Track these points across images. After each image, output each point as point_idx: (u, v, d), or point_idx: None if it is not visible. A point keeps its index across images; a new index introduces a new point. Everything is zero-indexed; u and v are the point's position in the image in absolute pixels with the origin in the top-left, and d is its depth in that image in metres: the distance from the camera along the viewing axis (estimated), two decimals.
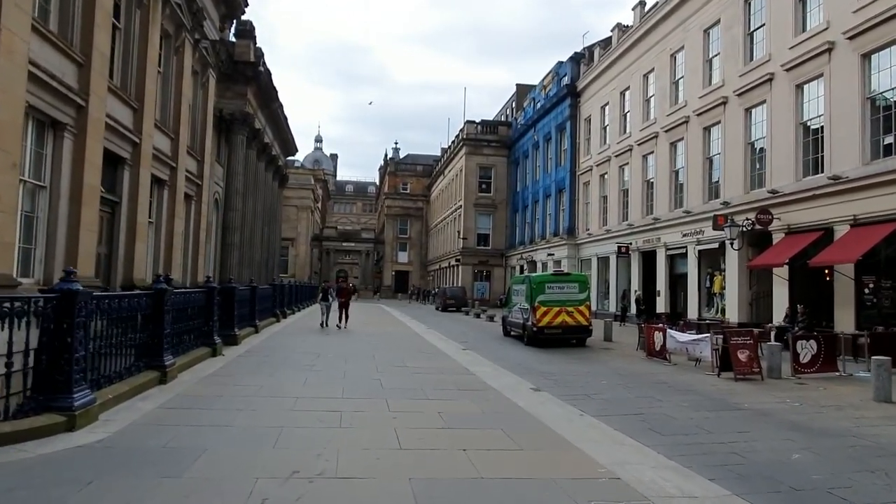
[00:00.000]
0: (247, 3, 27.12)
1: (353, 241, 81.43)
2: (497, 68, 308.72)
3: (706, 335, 14.11)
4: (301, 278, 62.73)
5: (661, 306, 26.49)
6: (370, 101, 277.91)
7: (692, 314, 23.98)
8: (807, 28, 18.53)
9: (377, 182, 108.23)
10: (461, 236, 52.76)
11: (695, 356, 14.29)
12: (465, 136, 54.01)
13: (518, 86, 58.22)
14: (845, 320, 16.33)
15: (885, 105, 15.88)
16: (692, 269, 24.55)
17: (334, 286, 25.75)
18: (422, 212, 78.46)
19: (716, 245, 22.70)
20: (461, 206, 53.64)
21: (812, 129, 18.37)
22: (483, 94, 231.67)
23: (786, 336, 16.26)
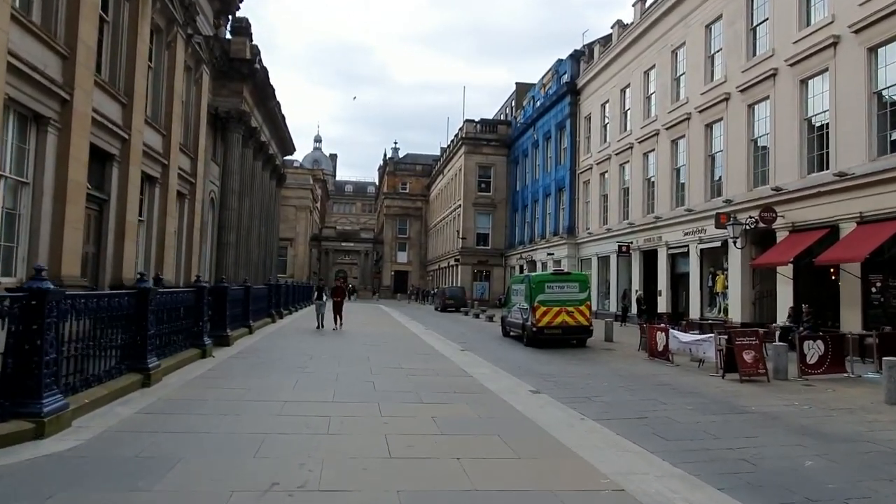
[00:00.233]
0: None
1: (352, 241, 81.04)
2: (497, 68, 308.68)
3: (710, 335, 13.75)
4: (300, 278, 62.37)
5: (663, 306, 26.13)
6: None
7: (694, 314, 23.62)
8: (811, 22, 18.17)
9: (376, 182, 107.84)
10: (460, 236, 52.40)
11: (698, 357, 13.94)
12: (464, 136, 53.66)
13: (517, 84, 57.85)
14: (851, 320, 15.97)
15: (891, 100, 15.51)
16: (694, 268, 24.19)
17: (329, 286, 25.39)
18: (421, 212, 78.12)
19: (718, 244, 22.34)
20: (460, 206, 53.29)
21: (817, 125, 18.01)
22: (483, 94, 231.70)
23: (790, 336, 15.94)
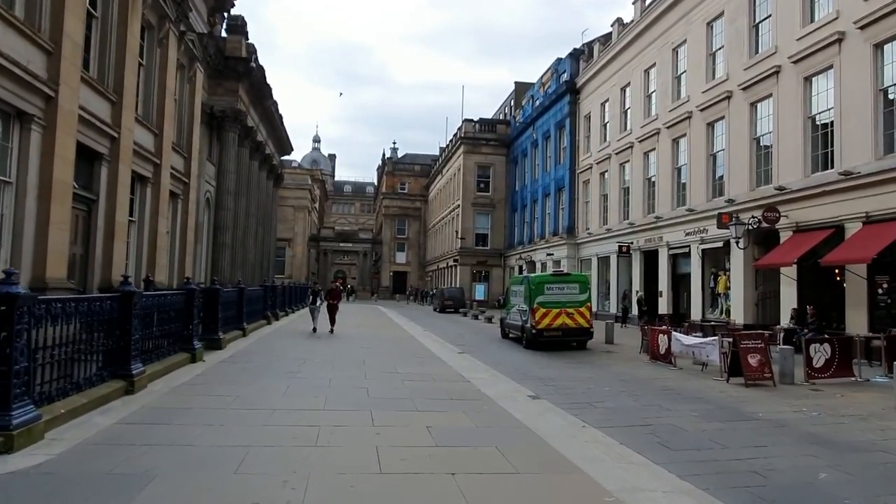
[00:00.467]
0: None
1: (350, 241, 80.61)
2: (498, 68, 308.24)
3: (714, 338, 13.42)
4: (298, 279, 61.96)
5: (664, 307, 25.79)
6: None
7: (696, 315, 23.29)
8: (815, 18, 17.85)
9: (375, 182, 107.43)
10: (459, 236, 52.05)
11: (701, 360, 13.61)
12: (463, 135, 53.32)
13: (517, 84, 57.48)
14: (857, 322, 15.65)
15: None
16: (695, 268, 23.86)
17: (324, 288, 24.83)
18: (420, 212, 77.75)
19: (720, 244, 22.03)
20: (459, 206, 52.93)
21: (821, 123, 17.70)
22: (483, 95, 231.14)
23: (794, 338, 15.62)
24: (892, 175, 14.72)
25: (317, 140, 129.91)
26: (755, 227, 19.46)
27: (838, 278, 17.38)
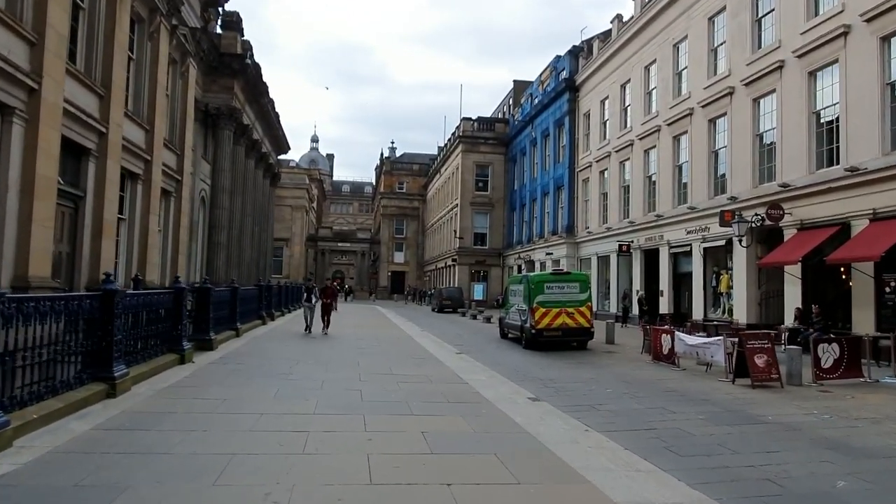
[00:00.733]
0: None
1: (348, 241, 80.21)
2: (498, 68, 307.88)
3: (718, 338, 13.06)
4: (296, 279, 61.58)
5: (665, 307, 25.44)
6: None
7: (697, 315, 22.95)
8: (820, 12, 17.51)
9: (374, 182, 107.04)
10: (458, 236, 51.68)
11: (705, 361, 13.26)
12: (461, 134, 52.95)
13: (515, 82, 57.12)
14: (864, 321, 15.30)
15: None
16: (697, 267, 23.52)
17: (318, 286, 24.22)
18: (418, 211, 77.35)
19: (722, 242, 21.69)
20: (458, 205, 52.56)
21: (826, 118, 17.35)
22: (483, 95, 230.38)
23: (799, 338, 15.29)
24: None
25: (315, 140, 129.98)
26: (758, 224, 19.13)
27: (844, 277, 17.05)
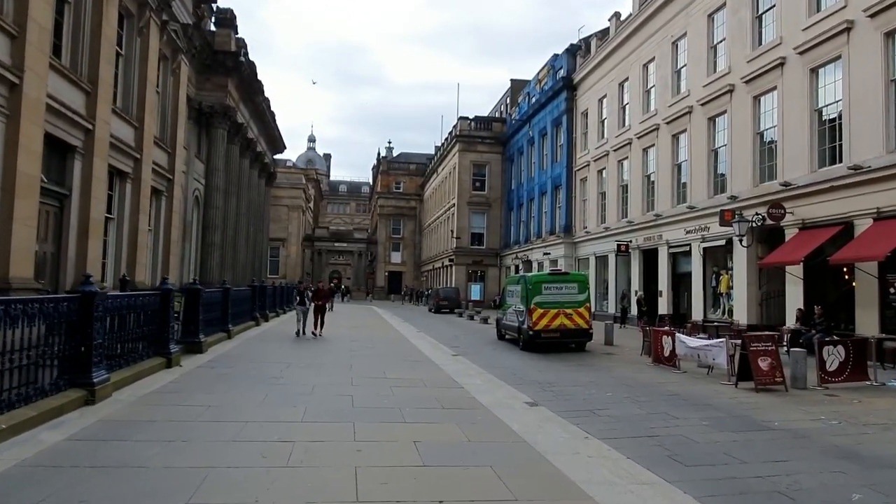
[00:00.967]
0: None
1: (345, 241, 79.78)
2: (496, 68, 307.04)
3: (720, 340, 12.76)
4: (292, 279, 61.19)
5: (664, 307, 25.14)
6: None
7: (697, 316, 22.65)
8: (822, 7, 17.21)
9: (371, 182, 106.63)
10: (454, 236, 51.34)
11: (707, 363, 12.94)
12: (458, 133, 52.60)
13: (513, 81, 56.79)
14: (868, 323, 15.01)
15: None
16: (696, 267, 23.22)
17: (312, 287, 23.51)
18: (415, 211, 76.98)
19: (722, 242, 21.40)
20: (454, 205, 52.22)
21: (828, 116, 17.06)
22: (481, 94, 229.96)
23: (801, 339, 15.01)
24: None
25: (312, 140, 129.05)
26: (759, 224, 18.84)
27: (846, 277, 16.77)
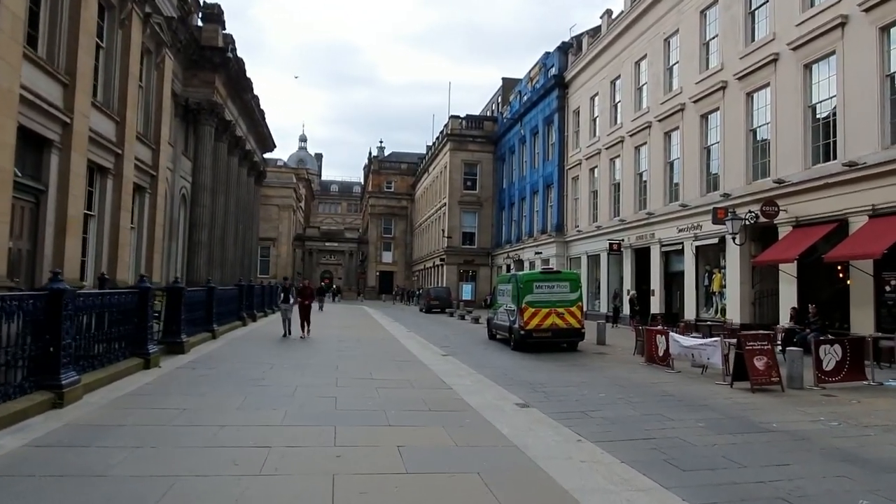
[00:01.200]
0: None
1: (336, 240, 79.27)
2: (488, 67, 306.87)
3: (715, 339, 12.50)
4: (283, 279, 60.56)
5: (656, 306, 24.94)
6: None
7: (689, 315, 22.44)
8: (816, 2, 17.01)
9: (362, 181, 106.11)
10: (446, 235, 51.03)
11: (701, 363, 12.69)
12: (449, 132, 52.29)
13: (504, 80, 56.55)
14: (863, 321, 14.82)
15: None
16: (689, 266, 23.01)
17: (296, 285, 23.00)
18: (406, 211, 76.65)
19: (715, 240, 21.20)
20: (446, 204, 51.90)
21: (822, 112, 16.87)
22: (473, 94, 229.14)
23: (795, 339, 14.80)
24: None
25: (303, 139, 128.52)
26: (752, 222, 18.63)
27: (841, 275, 16.58)
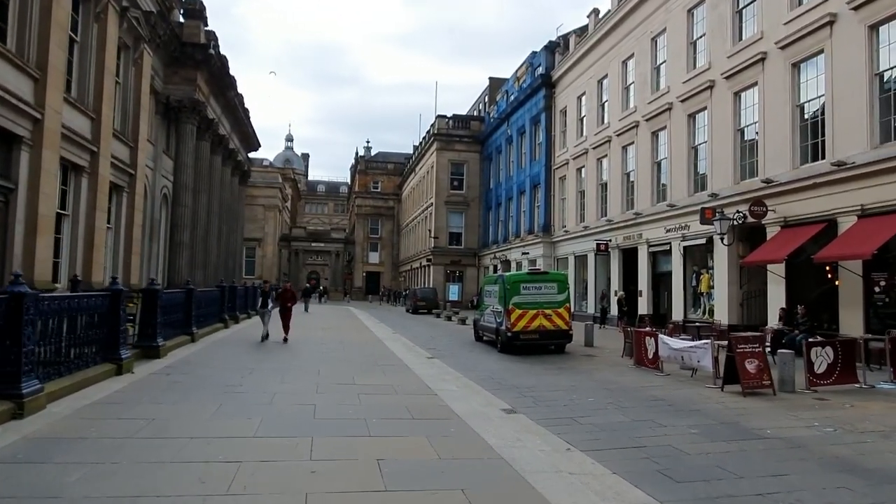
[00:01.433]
0: None
1: (322, 241, 78.62)
2: (474, 68, 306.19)
3: (706, 342, 12.27)
4: (269, 280, 59.96)
5: (644, 307, 24.77)
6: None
7: (677, 315, 22.28)
8: (804, 1, 16.88)
9: (349, 182, 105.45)
10: (432, 235, 50.69)
11: (691, 366, 12.46)
12: (436, 132, 51.94)
13: (491, 79, 56.31)
14: (852, 323, 14.69)
15: None
16: (677, 266, 22.86)
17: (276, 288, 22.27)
18: (393, 211, 76.23)
19: (702, 241, 21.06)
20: (432, 205, 51.56)
21: (811, 111, 16.75)
22: (461, 94, 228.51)
23: (784, 340, 14.66)
24: (891, 164, 13.73)
25: (290, 139, 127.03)
26: (740, 222, 18.49)
27: (829, 276, 16.46)
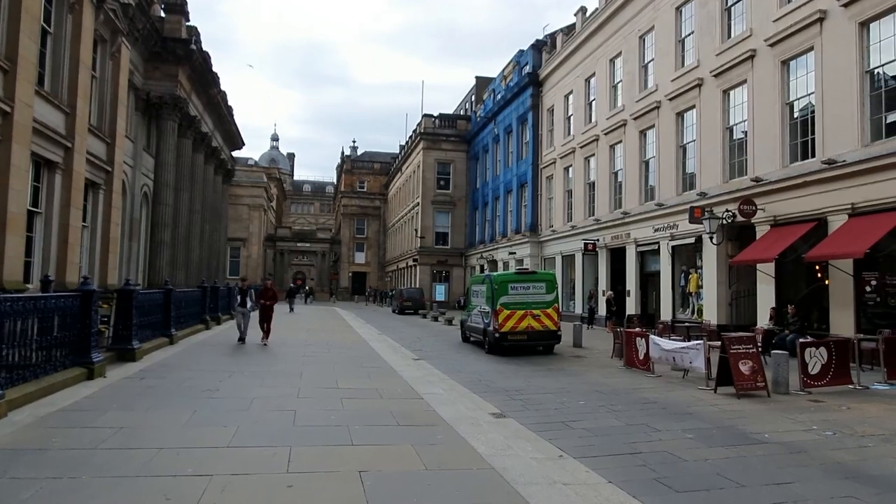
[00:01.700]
0: None
1: (308, 241, 77.86)
2: (461, 68, 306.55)
3: (698, 343, 12.03)
4: (254, 280, 59.27)
5: (632, 307, 24.59)
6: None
7: (666, 315, 22.11)
8: None
9: (335, 181, 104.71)
10: (419, 235, 50.30)
11: (682, 367, 12.21)
12: (422, 131, 51.55)
13: (478, 78, 56.04)
14: (843, 322, 14.55)
15: (887, 79, 14.12)
16: (665, 266, 22.69)
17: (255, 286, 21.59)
18: (379, 211, 75.75)
19: (691, 240, 20.90)
20: (419, 204, 51.18)
21: (800, 109, 16.61)
22: (448, 94, 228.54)
23: (774, 340, 14.49)
24: (882, 163, 13.60)
25: (275, 138, 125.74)
26: (729, 221, 18.33)
27: (819, 275, 16.34)
